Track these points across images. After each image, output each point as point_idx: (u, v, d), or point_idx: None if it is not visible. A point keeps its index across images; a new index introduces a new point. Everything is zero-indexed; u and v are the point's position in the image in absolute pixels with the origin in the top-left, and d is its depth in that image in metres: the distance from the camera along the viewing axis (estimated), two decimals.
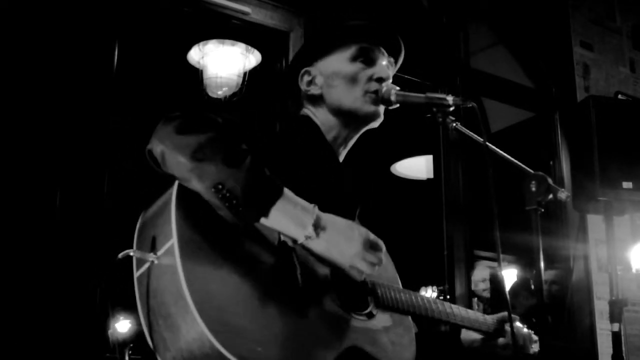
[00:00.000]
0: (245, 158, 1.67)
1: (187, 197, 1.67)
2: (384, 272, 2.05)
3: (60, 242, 2.88)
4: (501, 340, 2.35)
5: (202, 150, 1.64)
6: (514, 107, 5.17)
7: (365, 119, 2.16)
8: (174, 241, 1.60)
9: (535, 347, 2.45)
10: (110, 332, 1.74)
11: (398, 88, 2.13)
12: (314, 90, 2.16)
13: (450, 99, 2.08)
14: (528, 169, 2.07)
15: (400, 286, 2.10)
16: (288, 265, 1.76)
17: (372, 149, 5.43)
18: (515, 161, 2.11)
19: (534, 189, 2.00)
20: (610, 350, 3.96)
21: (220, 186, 1.62)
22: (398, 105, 2.13)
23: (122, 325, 2.75)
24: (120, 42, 3.28)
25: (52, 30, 3.08)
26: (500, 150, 2.12)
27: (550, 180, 2.02)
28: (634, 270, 4.67)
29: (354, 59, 2.16)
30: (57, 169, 2.97)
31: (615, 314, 3.95)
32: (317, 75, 2.17)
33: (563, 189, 2.02)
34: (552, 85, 5.11)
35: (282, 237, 1.76)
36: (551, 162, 4.95)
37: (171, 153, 1.66)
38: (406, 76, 4.34)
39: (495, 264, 5.94)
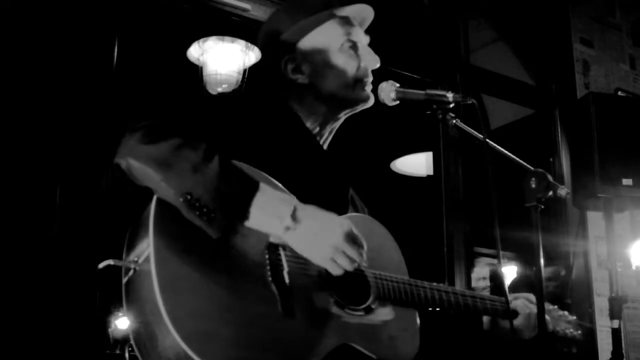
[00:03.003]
0: (211, 160, 1.64)
1: (166, 207, 1.64)
2: (390, 262, 2.03)
3: (60, 238, 2.88)
4: (516, 321, 2.23)
5: (169, 159, 1.62)
6: (514, 103, 5.17)
7: (357, 103, 2.12)
8: (150, 250, 1.58)
9: (570, 328, 2.32)
10: (110, 329, 1.74)
11: (398, 85, 2.12)
12: (302, 79, 2.09)
13: (450, 95, 2.08)
14: (528, 165, 2.07)
15: (407, 276, 2.05)
16: (274, 265, 1.73)
17: (372, 145, 5.44)
18: (515, 158, 2.11)
19: (533, 185, 1.99)
20: (610, 347, 3.97)
21: (188, 196, 1.60)
22: (398, 102, 2.12)
23: (122, 322, 2.75)
24: (120, 39, 3.28)
25: (52, 27, 3.07)
26: (500, 147, 2.12)
27: (550, 177, 2.01)
28: (633, 267, 4.67)
29: (345, 45, 2.11)
30: (57, 166, 2.96)
31: (615, 311, 3.95)
32: (302, 62, 2.09)
33: (563, 186, 2.01)
34: (552, 82, 5.11)
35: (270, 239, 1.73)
36: (551, 159, 4.95)
37: (137, 165, 1.65)
38: (406, 73, 4.34)
39: (495, 261, 5.94)
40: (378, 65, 2.16)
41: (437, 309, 2.06)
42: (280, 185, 1.82)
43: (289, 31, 2.11)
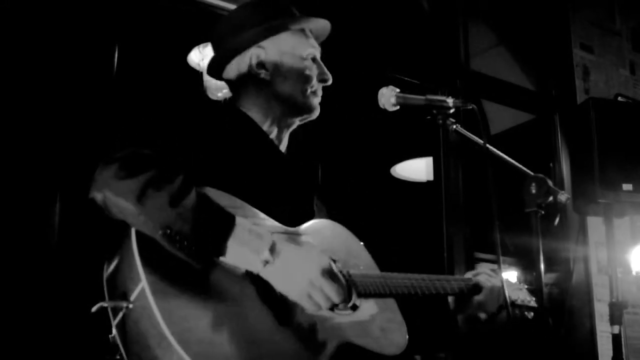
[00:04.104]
0: (189, 192, 1.65)
1: (147, 237, 1.64)
2: (359, 260, 2.06)
3: (60, 243, 2.88)
4: (476, 298, 2.29)
5: (144, 193, 1.62)
6: (514, 109, 5.17)
7: (308, 111, 2.14)
8: (143, 284, 1.58)
9: (523, 295, 2.38)
10: (110, 336, 1.73)
11: (398, 90, 2.13)
12: (264, 75, 2.09)
13: (450, 101, 2.09)
14: (528, 171, 2.07)
15: (377, 270, 2.10)
16: (262, 281, 1.74)
17: (372, 151, 5.44)
18: (515, 163, 2.11)
19: (534, 191, 2.00)
20: (611, 353, 3.96)
21: (168, 230, 1.60)
22: (398, 107, 2.13)
23: None
24: (120, 44, 3.28)
25: (53, 34, 3.08)
26: (500, 152, 2.12)
27: (550, 183, 2.02)
28: (634, 273, 4.67)
29: (306, 56, 2.13)
30: (57, 172, 2.96)
31: (615, 317, 3.94)
32: (267, 59, 2.10)
33: (563, 191, 2.02)
34: (552, 88, 5.11)
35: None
36: (551, 164, 4.95)
37: (113, 200, 1.64)
38: (406, 78, 4.34)
39: (495, 266, 5.94)
40: (330, 82, 2.17)
41: (412, 295, 2.09)
42: (261, 214, 1.84)
43: (258, 28, 2.11)
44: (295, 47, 2.13)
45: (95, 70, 3.17)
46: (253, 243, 1.68)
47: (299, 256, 1.74)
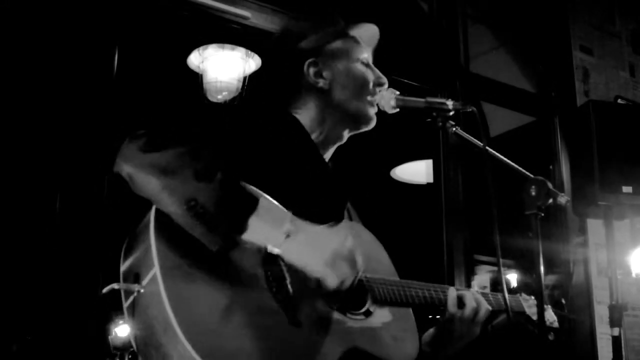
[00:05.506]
0: (217, 171, 1.64)
1: (165, 223, 1.64)
2: (380, 265, 2.04)
3: (60, 245, 2.88)
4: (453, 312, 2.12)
5: (172, 167, 1.61)
6: (514, 111, 5.17)
7: (365, 121, 2.12)
8: (156, 270, 1.58)
9: (546, 316, 2.29)
10: (110, 337, 1.73)
11: (398, 92, 2.12)
12: (322, 84, 2.08)
13: (450, 103, 2.09)
14: (528, 173, 2.07)
15: (397, 277, 2.08)
16: (276, 276, 1.72)
17: (372, 153, 5.45)
18: (515, 165, 2.11)
19: (533, 193, 1.99)
20: (611, 355, 3.96)
21: (192, 202, 1.59)
22: (398, 109, 2.12)
23: (122, 330, 2.75)
24: (120, 46, 3.28)
25: (53, 36, 3.08)
26: (500, 154, 2.12)
27: (550, 185, 2.01)
28: (633, 275, 4.67)
29: (361, 61, 2.13)
30: (57, 173, 2.97)
31: (615, 319, 3.95)
32: (324, 67, 2.09)
33: (563, 194, 2.02)
34: (552, 90, 5.12)
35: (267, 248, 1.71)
36: (551, 167, 4.95)
37: (140, 173, 1.64)
38: (406, 80, 4.35)
39: (495, 268, 5.93)
40: (387, 84, 2.15)
41: (428, 306, 2.07)
42: (275, 202, 1.81)
43: (311, 38, 2.11)
44: (350, 51, 2.12)
45: (96, 71, 3.17)
46: (275, 219, 1.68)
47: (319, 229, 1.74)
